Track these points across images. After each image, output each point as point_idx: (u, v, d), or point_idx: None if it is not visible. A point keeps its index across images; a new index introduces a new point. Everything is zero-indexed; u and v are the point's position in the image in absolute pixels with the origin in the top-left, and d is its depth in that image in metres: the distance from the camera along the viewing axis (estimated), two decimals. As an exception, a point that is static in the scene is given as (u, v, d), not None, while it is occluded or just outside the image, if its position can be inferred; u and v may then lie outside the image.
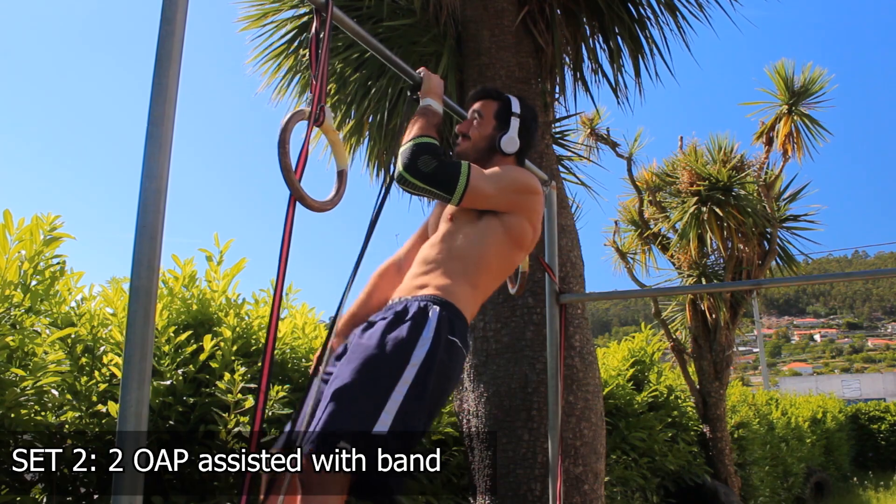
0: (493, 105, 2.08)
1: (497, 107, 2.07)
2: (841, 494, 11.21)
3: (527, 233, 1.93)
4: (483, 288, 1.88)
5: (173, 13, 1.30)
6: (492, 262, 1.87)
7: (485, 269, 1.86)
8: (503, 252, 1.90)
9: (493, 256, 1.87)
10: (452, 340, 1.68)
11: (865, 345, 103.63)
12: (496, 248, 1.87)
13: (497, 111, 2.06)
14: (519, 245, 1.93)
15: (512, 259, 1.94)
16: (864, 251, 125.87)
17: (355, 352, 1.62)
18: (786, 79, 7.24)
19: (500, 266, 1.92)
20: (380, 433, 1.47)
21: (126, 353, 1.19)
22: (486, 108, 2.07)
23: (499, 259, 1.89)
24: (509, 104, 2.08)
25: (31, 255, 2.21)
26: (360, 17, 4.30)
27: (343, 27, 1.79)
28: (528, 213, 1.92)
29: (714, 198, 7.24)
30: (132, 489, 1.14)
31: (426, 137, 1.82)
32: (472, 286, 1.82)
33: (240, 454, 1.36)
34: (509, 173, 1.90)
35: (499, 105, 2.07)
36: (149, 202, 1.23)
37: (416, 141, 1.80)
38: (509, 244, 1.90)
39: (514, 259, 1.95)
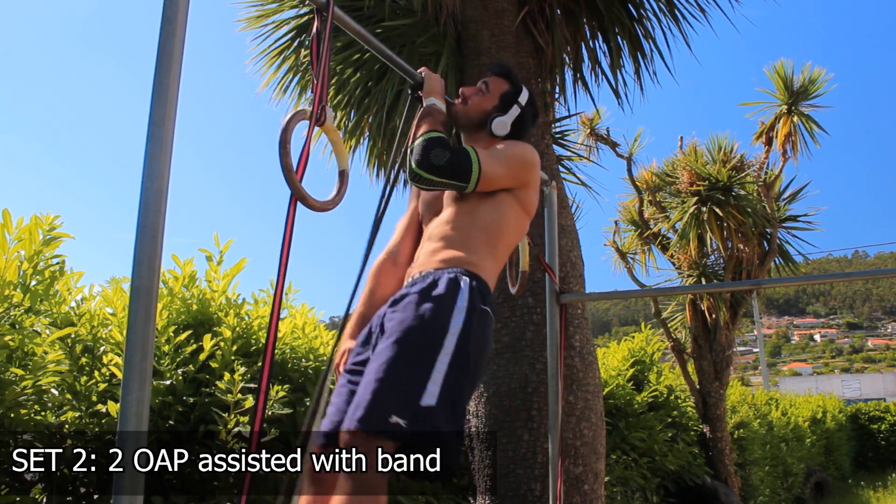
0: (504, 85, 2.07)
1: (506, 88, 2.06)
2: (841, 494, 11.21)
3: (535, 201, 1.98)
4: (500, 259, 1.90)
5: (174, 13, 1.30)
6: (511, 234, 1.91)
7: (504, 241, 1.89)
8: (519, 223, 1.94)
9: (511, 229, 1.90)
10: (485, 310, 1.68)
11: (865, 345, 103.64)
12: (514, 222, 1.91)
13: (504, 92, 2.05)
14: (529, 213, 1.97)
15: (523, 227, 1.99)
16: (864, 251, 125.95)
17: (392, 326, 1.58)
18: (785, 79, 7.24)
19: (516, 237, 1.96)
20: (429, 405, 1.43)
21: (127, 352, 1.19)
22: (496, 84, 2.06)
23: (516, 230, 1.93)
24: (518, 92, 2.06)
25: (30, 254, 2.21)
26: (360, 17, 4.30)
27: (344, 27, 1.79)
28: (535, 183, 1.96)
29: (714, 198, 7.24)
30: (132, 489, 1.15)
31: (434, 132, 1.83)
32: (493, 259, 1.85)
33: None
34: (512, 149, 1.92)
35: (509, 87, 2.06)
36: (150, 202, 1.23)
37: (426, 136, 1.82)
38: (522, 214, 1.95)
39: (525, 227, 2.00)
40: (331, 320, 24.44)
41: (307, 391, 2.79)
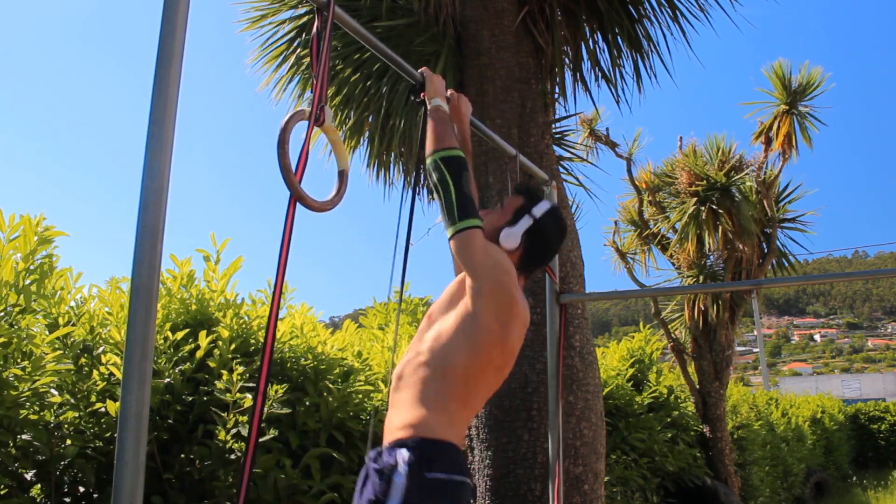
0: (519, 200, 1.91)
1: (520, 203, 1.90)
2: (841, 494, 11.21)
3: (496, 339, 1.67)
4: (463, 403, 1.68)
5: (174, 13, 1.30)
6: (463, 373, 1.67)
7: (456, 382, 1.67)
8: (473, 359, 1.67)
9: (462, 365, 1.67)
10: (434, 479, 1.54)
11: (865, 345, 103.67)
12: (466, 355, 1.67)
13: (518, 207, 1.89)
14: (488, 357, 1.68)
15: (483, 374, 1.70)
16: (864, 251, 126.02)
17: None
18: (783, 78, 7.24)
19: (474, 377, 1.68)
20: None
21: (127, 352, 1.19)
22: (511, 202, 1.92)
23: (470, 369, 1.68)
24: (532, 203, 1.88)
25: (24, 254, 2.21)
26: (360, 17, 4.30)
27: (344, 26, 1.79)
28: (503, 312, 1.68)
29: (713, 198, 7.24)
30: (132, 489, 1.14)
31: (453, 150, 1.74)
32: (447, 411, 1.64)
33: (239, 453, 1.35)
34: (497, 255, 1.71)
35: (523, 201, 1.90)
36: (150, 201, 1.23)
37: (447, 154, 1.72)
38: (479, 348, 1.67)
39: (498, 376, 1.74)
40: (330, 320, 23.95)
41: (306, 390, 2.79)
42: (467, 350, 1.67)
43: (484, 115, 3.93)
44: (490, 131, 2.59)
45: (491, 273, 1.67)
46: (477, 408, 1.76)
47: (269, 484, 2.47)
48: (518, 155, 2.72)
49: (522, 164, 2.80)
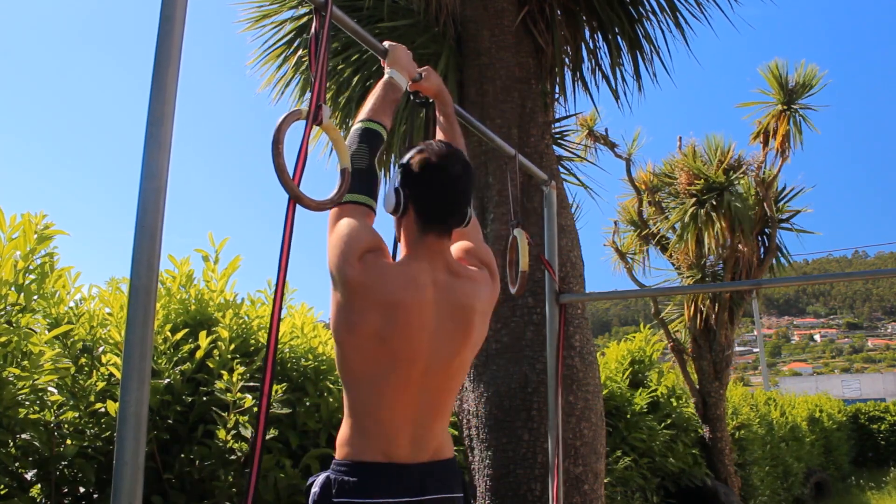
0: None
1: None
2: (840, 494, 11.21)
3: (351, 327, 1.49)
4: (354, 406, 1.54)
5: (172, 12, 1.30)
6: (352, 376, 1.54)
7: (351, 387, 1.54)
8: (348, 357, 1.53)
9: (347, 368, 1.54)
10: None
11: (865, 345, 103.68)
12: (342, 355, 1.54)
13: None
14: (360, 351, 1.51)
15: (373, 372, 1.51)
16: (864, 251, 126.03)
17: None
18: (780, 78, 7.25)
19: (365, 379, 1.53)
20: None
21: (126, 352, 1.19)
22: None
23: (354, 371, 1.53)
24: (402, 159, 1.68)
25: (24, 253, 2.21)
26: (360, 17, 4.30)
27: (343, 27, 1.79)
28: (342, 294, 1.49)
29: (712, 198, 7.25)
30: (132, 489, 1.14)
31: (375, 124, 1.63)
32: (354, 423, 1.54)
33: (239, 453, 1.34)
34: (344, 226, 1.52)
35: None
36: (148, 202, 1.23)
37: (364, 125, 1.63)
38: (346, 344, 1.52)
39: (375, 372, 1.52)
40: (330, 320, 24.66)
41: (306, 391, 2.79)
42: (340, 350, 1.53)
43: (484, 115, 3.93)
44: (490, 131, 2.59)
45: (330, 249, 1.51)
46: (393, 417, 1.52)
47: (270, 484, 2.47)
48: (518, 155, 2.72)
49: (522, 164, 2.80)
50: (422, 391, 1.55)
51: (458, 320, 1.60)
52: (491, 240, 3.82)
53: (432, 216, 1.61)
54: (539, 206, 3.71)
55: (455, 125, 2.03)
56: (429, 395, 1.57)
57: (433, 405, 1.59)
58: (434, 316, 1.56)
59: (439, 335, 1.56)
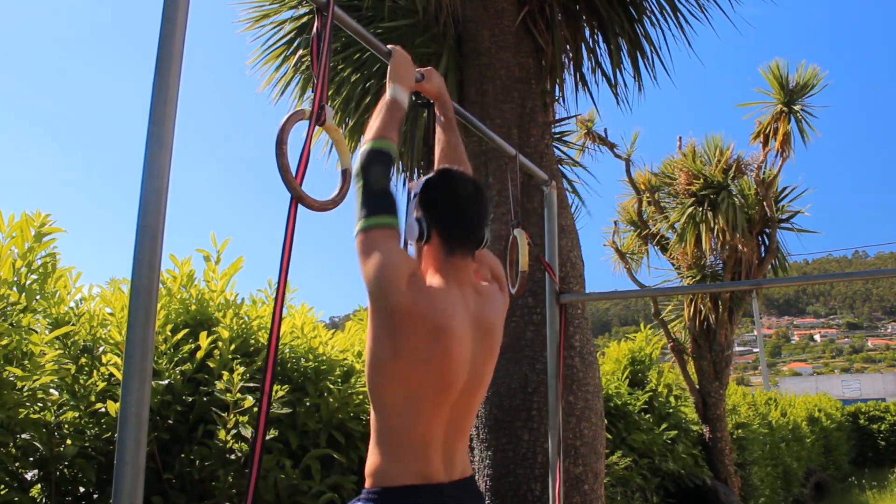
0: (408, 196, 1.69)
1: (407, 197, 1.68)
2: (840, 494, 11.22)
3: (396, 357, 1.47)
4: (389, 431, 1.51)
5: (174, 13, 1.30)
6: (395, 417, 1.50)
7: (388, 428, 1.51)
8: (389, 389, 1.50)
9: (389, 405, 1.51)
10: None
11: (865, 345, 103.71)
12: (380, 387, 1.51)
13: (406, 202, 1.68)
14: (404, 382, 1.49)
15: (414, 403, 1.50)
16: (864, 251, 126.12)
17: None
18: (780, 78, 7.25)
19: (407, 422, 1.50)
20: None
21: (127, 352, 1.19)
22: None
23: (396, 405, 1.50)
24: (415, 188, 1.66)
25: (23, 252, 2.21)
26: (360, 17, 4.30)
27: (344, 27, 1.79)
28: (391, 325, 1.47)
29: (711, 198, 7.25)
30: (132, 489, 1.14)
31: (385, 142, 1.56)
32: (387, 448, 1.51)
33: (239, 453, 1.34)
34: (384, 256, 1.46)
35: (408, 194, 1.69)
36: (150, 202, 1.23)
37: (376, 145, 1.54)
38: (388, 374, 1.49)
39: (417, 403, 1.50)
40: (330, 320, 23.80)
41: (306, 391, 2.79)
42: (381, 376, 1.50)
43: (484, 115, 3.93)
44: (490, 131, 2.58)
45: (372, 276, 1.45)
46: (429, 439, 1.51)
47: (270, 484, 2.47)
48: (518, 155, 2.72)
49: (522, 164, 2.80)
50: (453, 411, 1.56)
51: (486, 341, 1.62)
52: (491, 240, 3.82)
53: (456, 238, 1.61)
54: (539, 206, 3.72)
55: (454, 128, 2.02)
56: (458, 415, 1.58)
57: (460, 424, 1.60)
58: (472, 340, 1.57)
59: (475, 358, 1.58)
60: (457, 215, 1.62)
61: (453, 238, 1.60)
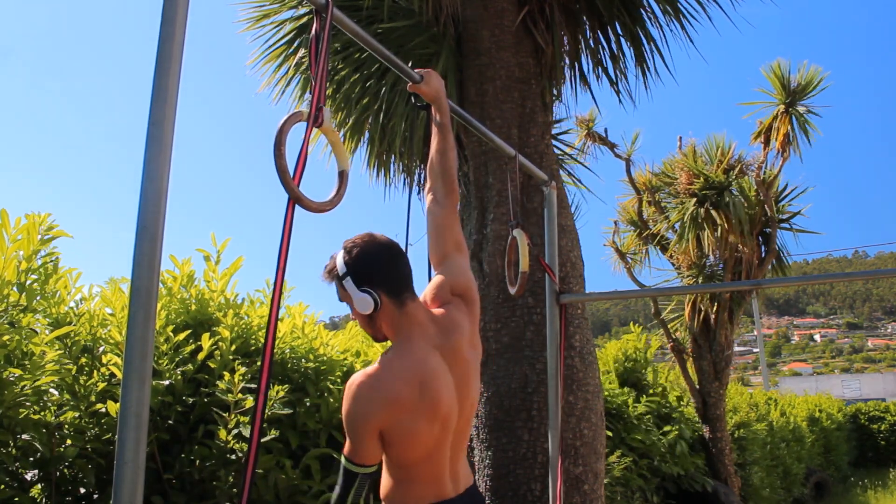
0: (336, 288, 1.74)
1: (336, 287, 1.73)
2: (840, 494, 11.21)
3: (403, 442, 1.60)
4: (399, 463, 1.66)
5: (173, 13, 1.30)
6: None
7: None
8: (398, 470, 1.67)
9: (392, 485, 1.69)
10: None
11: (865, 345, 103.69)
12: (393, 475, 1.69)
13: (339, 293, 1.73)
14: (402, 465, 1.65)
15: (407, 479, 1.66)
16: (864, 251, 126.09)
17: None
18: (782, 78, 7.25)
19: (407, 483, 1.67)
20: None
21: (126, 353, 1.19)
22: (341, 295, 1.74)
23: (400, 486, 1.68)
24: (336, 272, 1.71)
25: (28, 254, 2.21)
26: (360, 17, 4.30)
27: (343, 28, 1.79)
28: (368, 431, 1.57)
29: (712, 198, 7.25)
30: (132, 489, 1.15)
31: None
32: (401, 477, 1.67)
33: (240, 453, 1.35)
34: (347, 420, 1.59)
35: (336, 284, 1.73)
36: (149, 202, 1.23)
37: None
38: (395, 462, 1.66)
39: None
40: (331, 320, 23.99)
41: (307, 391, 2.79)
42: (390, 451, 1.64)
43: (484, 115, 3.93)
44: (490, 131, 2.59)
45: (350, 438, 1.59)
46: (439, 467, 1.67)
47: (270, 484, 2.47)
48: (518, 155, 2.72)
49: (522, 164, 2.80)
50: (455, 435, 1.72)
51: (460, 365, 1.73)
52: (491, 240, 3.83)
53: (399, 287, 1.69)
54: (539, 206, 3.72)
55: (448, 132, 2.01)
56: (458, 437, 1.74)
57: (460, 442, 1.75)
58: (450, 374, 1.69)
59: (457, 383, 1.71)
60: (391, 268, 1.70)
61: (399, 289, 1.69)
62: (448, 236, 1.90)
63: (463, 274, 1.88)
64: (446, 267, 1.88)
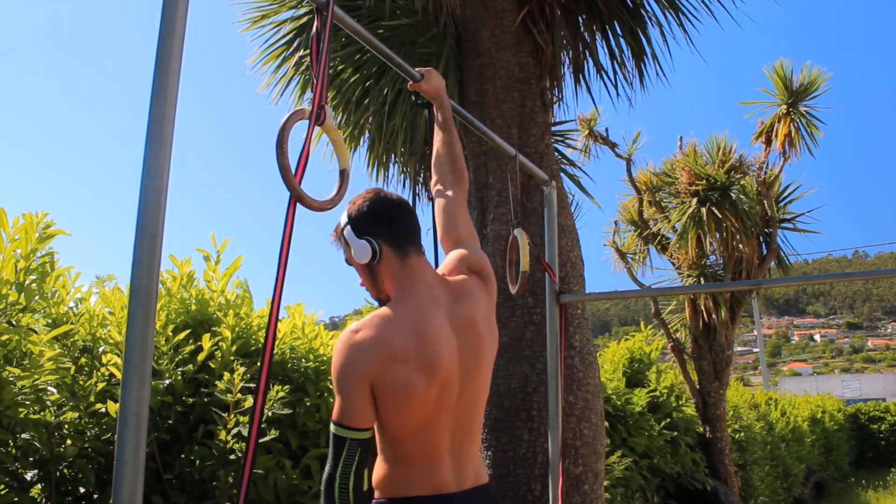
0: (343, 250, 1.71)
1: (343, 247, 1.70)
2: (840, 494, 11.21)
3: (391, 405, 1.48)
4: (393, 444, 1.55)
5: (173, 12, 1.30)
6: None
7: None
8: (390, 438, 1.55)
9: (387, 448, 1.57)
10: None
11: (865, 345, 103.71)
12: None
13: (345, 252, 1.70)
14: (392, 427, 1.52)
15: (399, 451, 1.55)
16: (864, 251, 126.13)
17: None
18: (784, 78, 7.24)
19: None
20: None
21: (126, 353, 1.18)
22: (346, 255, 1.71)
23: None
24: (339, 226, 1.68)
25: (25, 253, 2.21)
26: (360, 16, 4.30)
27: (344, 27, 1.79)
28: (356, 388, 1.46)
29: (713, 198, 7.24)
30: (132, 489, 1.14)
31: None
32: (394, 459, 1.55)
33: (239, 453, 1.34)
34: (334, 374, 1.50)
35: (341, 242, 1.70)
36: (149, 201, 1.23)
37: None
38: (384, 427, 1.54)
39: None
40: (330, 320, 23.88)
41: (307, 391, 2.79)
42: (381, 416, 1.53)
43: (484, 114, 3.93)
44: (490, 131, 2.58)
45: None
46: (436, 449, 1.55)
47: (270, 484, 2.47)
48: (518, 155, 2.72)
49: (522, 164, 2.80)
50: (457, 417, 1.57)
51: (471, 336, 1.62)
52: (491, 240, 3.82)
53: (404, 240, 1.63)
54: (539, 206, 3.71)
55: (451, 129, 2.01)
56: (463, 420, 1.59)
57: (467, 427, 1.61)
58: (454, 337, 1.58)
59: (463, 353, 1.58)
60: (396, 221, 1.64)
61: (402, 241, 1.62)
62: (461, 223, 1.86)
63: (478, 254, 1.83)
64: (462, 247, 1.82)
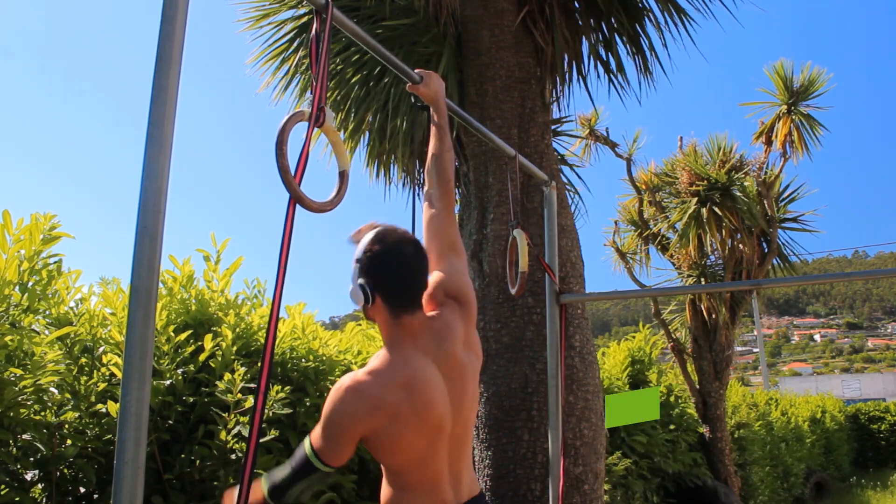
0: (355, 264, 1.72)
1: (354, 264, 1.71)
2: (841, 494, 11.21)
3: (389, 447, 1.60)
4: (397, 471, 1.67)
5: (173, 13, 1.30)
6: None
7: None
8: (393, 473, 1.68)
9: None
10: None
11: (865, 345, 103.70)
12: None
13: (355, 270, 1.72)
14: (397, 468, 1.65)
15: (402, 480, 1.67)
16: (864, 251, 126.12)
17: None
18: (785, 79, 7.24)
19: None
20: None
21: (126, 353, 1.19)
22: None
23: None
24: (355, 255, 1.69)
25: (29, 254, 2.21)
26: (360, 17, 4.30)
27: (343, 28, 1.79)
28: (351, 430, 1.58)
29: (713, 198, 7.24)
30: (132, 489, 1.15)
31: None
32: (398, 485, 1.67)
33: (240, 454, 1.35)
34: (325, 411, 1.59)
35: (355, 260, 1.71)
36: (149, 202, 1.23)
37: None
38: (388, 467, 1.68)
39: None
40: (330, 320, 24.13)
41: (307, 391, 2.79)
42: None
43: (484, 115, 3.93)
44: (490, 131, 2.59)
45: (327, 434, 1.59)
46: (436, 474, 1.66)
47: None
48: (518, 155, 2.72)
49: (522, 164, 2.80)
50: (451, 442, 1.68)
51: (457, 372, 1.70)
52: (491, 240, 3.82)
53: (400, 303, 1.65)
54: (539, 206, 3.72)
55: (446, 134, 2.00)
56: (457, 443, 1.70)
57: (461, 447, 1.72)
58: (443, 382, 1.66)
59: (451, 392, 1.67)
60: (398, 280, 1.66)
61: (397, 303, 1.65)
62: (443, 238, 1.88)
63: (458, 275, 1.86)
64: (441, 268, 1.86)
